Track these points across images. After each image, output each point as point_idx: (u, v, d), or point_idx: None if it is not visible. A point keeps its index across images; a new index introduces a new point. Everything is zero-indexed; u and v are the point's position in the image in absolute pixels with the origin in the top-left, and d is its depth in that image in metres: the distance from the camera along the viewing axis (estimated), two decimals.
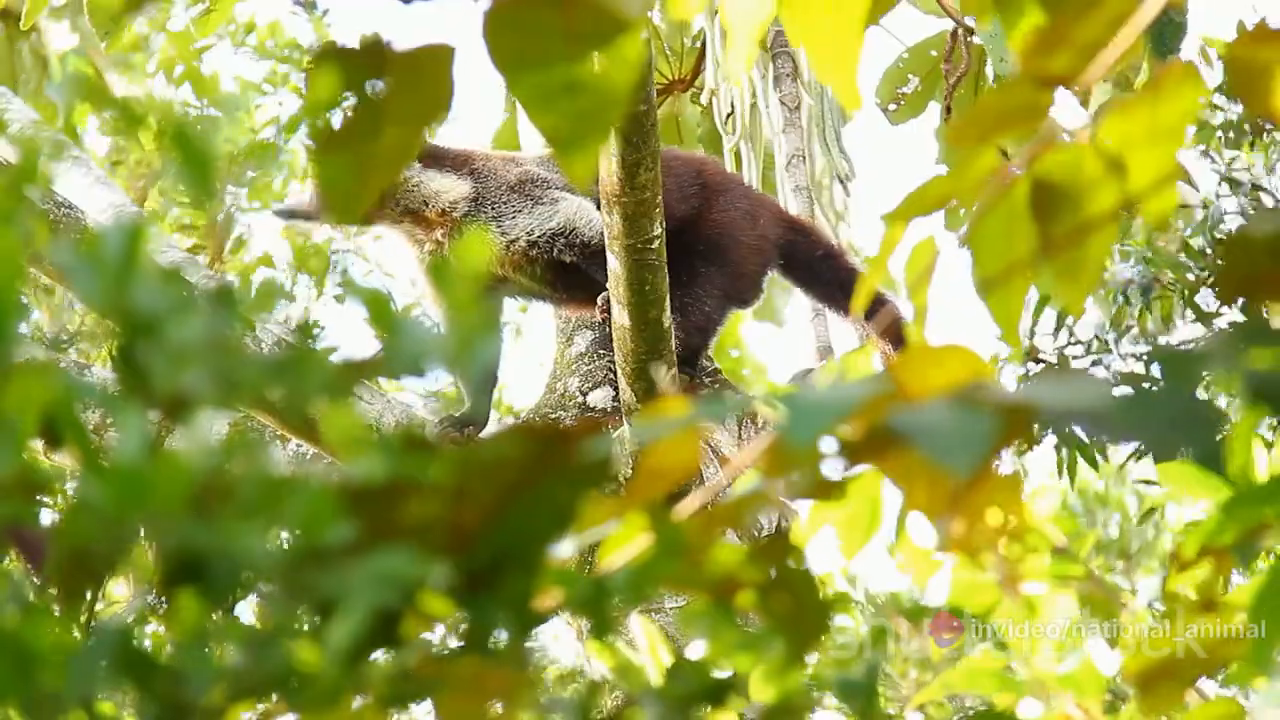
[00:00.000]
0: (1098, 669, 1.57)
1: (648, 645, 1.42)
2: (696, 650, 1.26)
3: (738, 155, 5.11)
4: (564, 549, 1.11)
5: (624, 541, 1.17)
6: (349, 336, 1.10)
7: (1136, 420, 1.06)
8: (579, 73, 1.31)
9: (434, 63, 1.34)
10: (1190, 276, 4.34)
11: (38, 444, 1.04)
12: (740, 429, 4.23)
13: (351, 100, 1.32)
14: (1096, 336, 4.35)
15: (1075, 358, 4.56)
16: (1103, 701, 1.58)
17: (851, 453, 1.16)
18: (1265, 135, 4.42)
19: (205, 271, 4.42)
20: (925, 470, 1.18)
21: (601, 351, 4.34)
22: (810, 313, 4.72)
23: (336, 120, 1.33)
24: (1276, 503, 1.30)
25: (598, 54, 1.31)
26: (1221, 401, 4.02)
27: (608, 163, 3.60)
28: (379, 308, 1.05)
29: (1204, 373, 1.11)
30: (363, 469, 1.05)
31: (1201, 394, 1.10)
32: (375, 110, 1.33)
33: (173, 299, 1.02)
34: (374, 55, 1.33)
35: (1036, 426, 1.07)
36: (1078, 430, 1.08)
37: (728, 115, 5.11)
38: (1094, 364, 4.66)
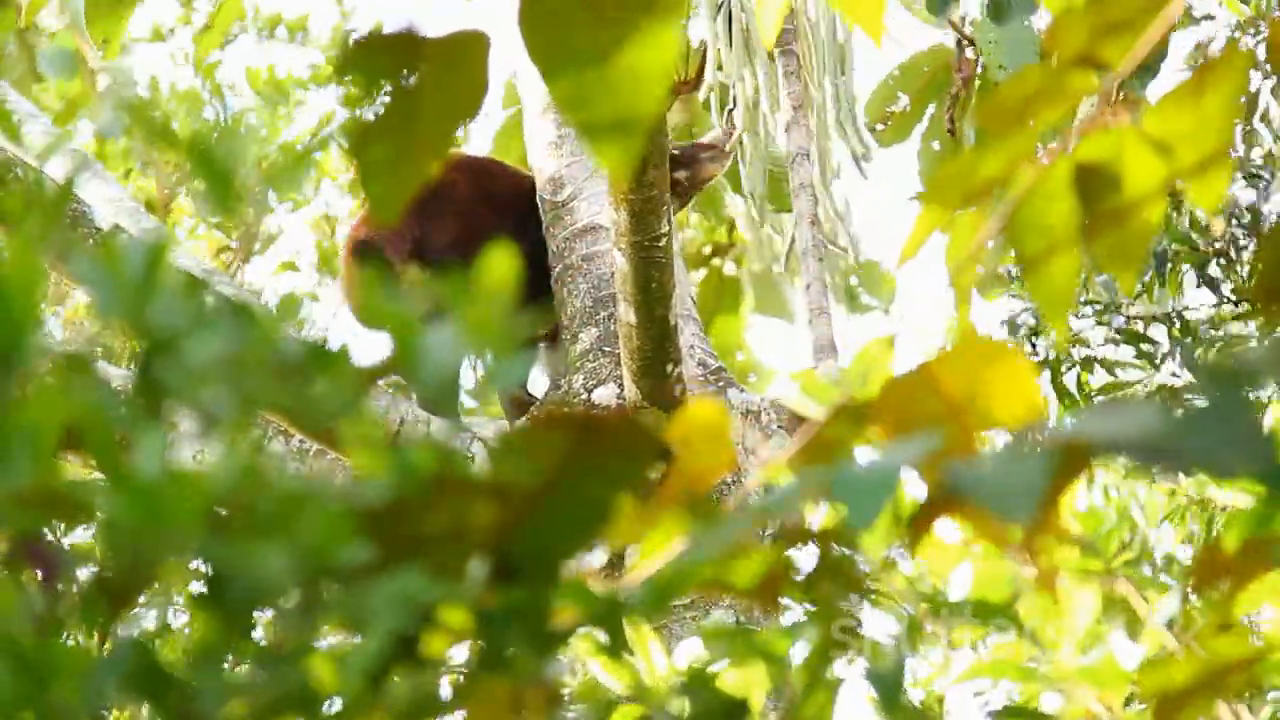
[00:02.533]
0: (1119, 664, 1.56)
1: (660, 659, 1.41)
2: (689, 654, 1.25)
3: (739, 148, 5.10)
4: (596, 554, 1.10)
5: (661, 545, 1.15)
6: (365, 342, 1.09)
7: (1193, 446, 1.04)
8: (614, 63, 1.30)
9: (469, 51, 1.33)
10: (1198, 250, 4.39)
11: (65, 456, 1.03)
12: (758, 424, 4.22)
13: (387, 93, 1.31)
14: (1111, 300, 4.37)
15: (1083, 316, 4.58)
16: (1124, 696, 1.57)
17: (916, 523, 1.15)
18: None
19: (222, 278, 4.40)
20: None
21: (606, 349, 4.33)
22: (809, 312, 4.70)
23: (372, 114, 1.32)
24: None
25: (631, 43, 1.30)
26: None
27: None
28: (404, 331, 1.03)
29: (1256, 387, 1.09)
30: (388, 478, 1.03)
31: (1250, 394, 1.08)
32: (411, 102, 1.32)
33: (193, 314, 1.01)
34: (408, 46, 1.32)
35: (1092, 462, 1.06)
36: (1131, 461, 1.06)
37: (728, 111, 5.10)
38: (1097, 324, 4.67)
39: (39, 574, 1.06)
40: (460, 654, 1.11)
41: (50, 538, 1.05)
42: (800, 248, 4.53)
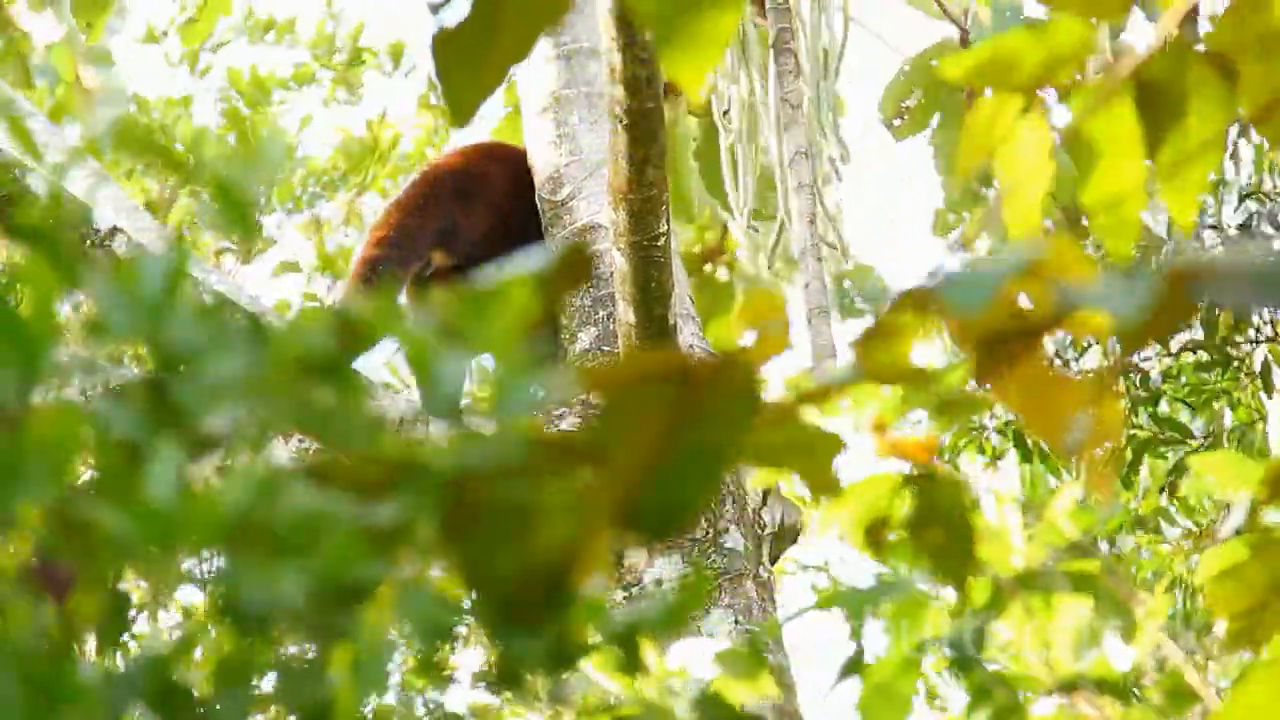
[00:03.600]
0: (1113, 666, 1.56)
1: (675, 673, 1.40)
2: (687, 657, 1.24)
3: (733, 152, 5.09)
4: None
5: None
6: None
7: None
8: None
9: None
10: None
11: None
12: None
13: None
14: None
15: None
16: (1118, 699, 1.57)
17: (981, 366, 1.13)
18: None
19: (220, 278, 4.36)
20: (1044, 393, 1.15)
21: (605, 348, 4.32)
22: (808, 312, 4.69)
23: (455, 17, 1.31)
24: None
25: None
26: None
27: (614, 159, 3.59)
28: (416, 349, 1.02)
29: None
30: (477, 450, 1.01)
31: None
32: (494, 7, 1.31)
33: (212, 333, 1.00)
34: None
35: (1200, 297, 1.03)
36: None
37: (724, 111, 5.09)
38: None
39: (51, 594, 1.05)
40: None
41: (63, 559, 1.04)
42: (799, 248, 4.52)
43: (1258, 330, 4.70)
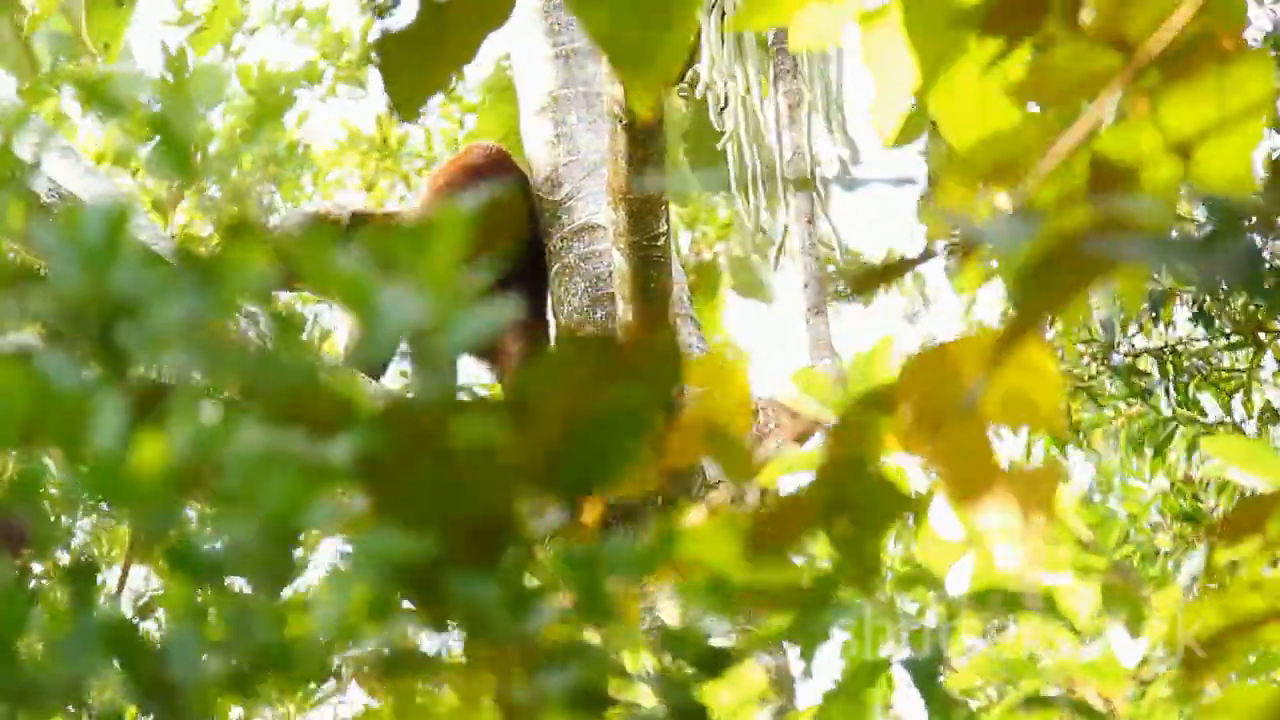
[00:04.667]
0: (1119, 659, 1.56)
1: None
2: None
3: (733, 151, 5.09)
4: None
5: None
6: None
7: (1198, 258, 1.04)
8: None
9: None
10: None
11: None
12: (755, 423, 4.21)
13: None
14: None
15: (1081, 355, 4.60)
16: (1125, 691, 1.57)
17: (907, 440, 1.14)
18: None
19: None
20: (965, 456, 1.17)
21: None
22: (806, 312, 4.68)
23: (400, 21, 1.37)
24: None
25: None
26: None
27: (614, 159, 3.60)
28: (355, 289, 1.02)
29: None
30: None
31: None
32: (439, 12, 1.35)
33: (155, 280, 1.00)
34: None
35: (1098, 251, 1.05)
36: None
37: (721, 109, 5.09)
38: (1092, 361, 4.69)
39: (7, 548, 1.05)
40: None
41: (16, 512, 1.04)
42: (797, 247, 4.52)
43: None
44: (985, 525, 1.28)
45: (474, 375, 4.34)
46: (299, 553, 1.04)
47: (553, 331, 4.50)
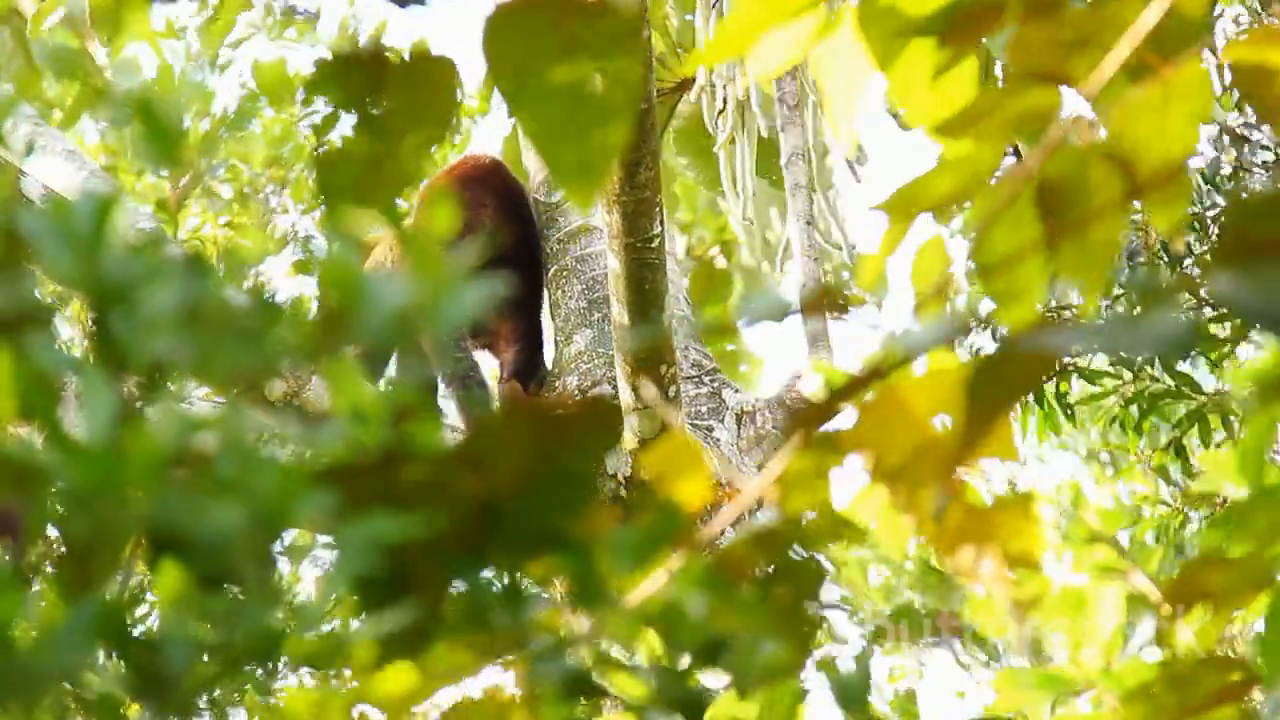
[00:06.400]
0: (1146, 667, 1.53)
1: None
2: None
3: (729, 152, 5.09)
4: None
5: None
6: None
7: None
8: (580, 98, 1.29)
9: (436, 75, 1.32)
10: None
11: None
12: (739, 427, 4.22)
13: (353, 115, 1.31)
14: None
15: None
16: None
17: (875, 470, 1.15)
18: None
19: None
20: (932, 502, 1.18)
21: (600, 350, 4.33)
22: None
23: (339, 136, 1.31)
24: None
25: (598, 74, 1.29)
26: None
27: None
28: (342, 273, 1.03)
29: None
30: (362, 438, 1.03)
31: None
32: (376, 126, 1.31)
33: (145, 267, 1.00)
34: (375, 68, 1.31)
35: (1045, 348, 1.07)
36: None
37: (719, 112, 5.09)
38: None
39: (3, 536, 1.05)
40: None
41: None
42: (796, 248, 4.53)
43: None
44: (970, 569, 1.27)
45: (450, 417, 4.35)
46: (290, 538, 1.04)
47: (547, 327, 4.52)
